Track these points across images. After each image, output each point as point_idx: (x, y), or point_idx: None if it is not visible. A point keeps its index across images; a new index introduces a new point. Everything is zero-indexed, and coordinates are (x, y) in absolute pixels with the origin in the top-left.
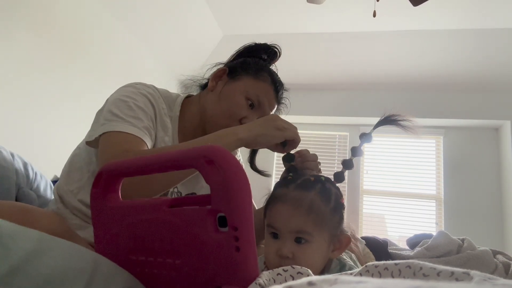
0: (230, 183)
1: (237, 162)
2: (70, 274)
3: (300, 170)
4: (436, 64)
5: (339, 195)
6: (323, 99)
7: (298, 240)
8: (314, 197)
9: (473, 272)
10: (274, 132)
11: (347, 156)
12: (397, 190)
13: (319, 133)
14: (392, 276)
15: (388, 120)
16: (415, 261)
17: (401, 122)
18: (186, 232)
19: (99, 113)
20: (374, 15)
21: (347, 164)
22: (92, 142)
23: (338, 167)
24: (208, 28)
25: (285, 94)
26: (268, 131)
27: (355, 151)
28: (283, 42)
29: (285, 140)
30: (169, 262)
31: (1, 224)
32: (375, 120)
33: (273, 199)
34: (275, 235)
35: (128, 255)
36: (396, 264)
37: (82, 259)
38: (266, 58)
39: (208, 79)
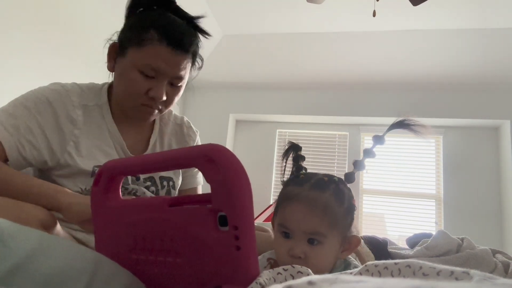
0: (230, 182)
1: (238, 161)
2: (71, 274)
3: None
4: (436, 64)
5: (351, 197)
6: (323, 98)
7: (310, 241)
8: (329, 198)
9: (472, 272)
10: None
11: (347, 155)
12: (397, 190)
13: (319, 132)
14: (392, 276)
15: (401, 124)
16: (415, 260)
17: (414, 127)
18: (187, 231)
19: None
20: (374, 15)
21: (358, 165)
22: None
23: (338, 167)
24: (208, 28)
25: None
26: None
27: (367, 153)
28: (283, 41)
29: None
30: (169, 261)
31: (2, 223)
32: (375, 119)
33: (286, 198)
34: (286, 235)
35: (128, 254)
36: (396, 263)
37: (83, 259)
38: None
39: None
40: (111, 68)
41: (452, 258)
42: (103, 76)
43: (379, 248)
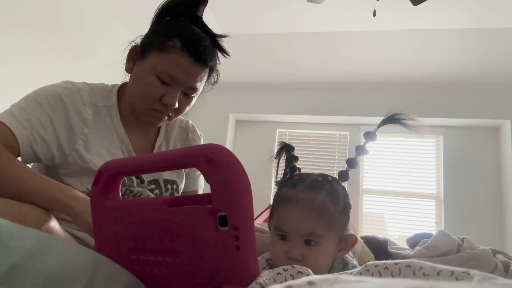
0: (230, 182)
1: (238, 161)
2: (71, 274)
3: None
4: (436, 64)
5: (346, 195)
6: (323, 98)
7: (307, 242)
8: (324, 199)
9: (473, 272)
10: None
11: (347, 155)
12: (397, 190)
13: (319, 132)
14: (392, 276)
15: (392, 119)
16: (415, 260)
17: (405, 121)
18: (187, 231)
19: None
20: (374, 15)
21: (351, 163)
22: None
23: (338, 167)
24: None
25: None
26: None
27: (360, 150)
28: (283, 41)
29: None
30: (169, 261)
31: (1, 223)
32: (375, 119)
33: (281, 201)
34: (282, 237)
35: (128, 254)
36: (396, 263)
37: (82, 259)
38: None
39: None
40: (129, 69)
41: (453, 258)
42: (102, 78)
43: (379, 248)
